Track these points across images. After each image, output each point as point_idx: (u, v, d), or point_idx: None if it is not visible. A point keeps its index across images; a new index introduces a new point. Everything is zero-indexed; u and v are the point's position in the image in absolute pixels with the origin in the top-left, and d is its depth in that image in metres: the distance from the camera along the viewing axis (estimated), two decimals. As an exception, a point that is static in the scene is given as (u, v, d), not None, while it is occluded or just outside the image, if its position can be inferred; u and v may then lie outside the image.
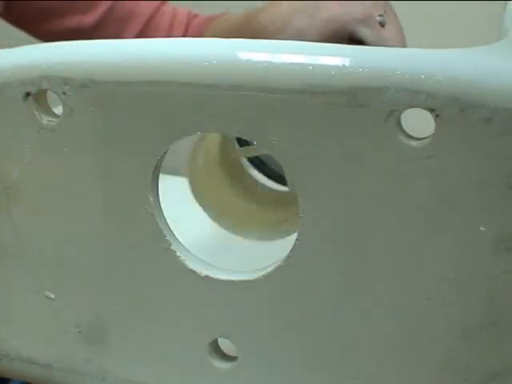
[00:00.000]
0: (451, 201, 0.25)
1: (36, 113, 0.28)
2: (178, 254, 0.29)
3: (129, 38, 0.61)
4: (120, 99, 0.27)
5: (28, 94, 0.28)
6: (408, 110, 0.24)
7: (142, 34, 0.62)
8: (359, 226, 0.26)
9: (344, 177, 0.26)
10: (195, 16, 0.65)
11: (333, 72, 0.24)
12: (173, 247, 0.29)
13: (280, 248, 0.29)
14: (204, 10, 0.65)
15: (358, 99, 0.24)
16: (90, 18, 0.61)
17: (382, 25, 0.48)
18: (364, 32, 0.48)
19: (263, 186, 0.50)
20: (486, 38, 0.30)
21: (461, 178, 0.24)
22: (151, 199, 0.28)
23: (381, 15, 0.48)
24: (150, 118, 0.27)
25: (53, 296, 0.32)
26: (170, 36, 0.62)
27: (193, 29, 0.64)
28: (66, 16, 0.60)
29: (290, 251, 0.27)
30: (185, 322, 0.30)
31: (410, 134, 0.25)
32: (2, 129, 0.29)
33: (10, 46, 0.30)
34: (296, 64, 0.25)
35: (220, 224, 0.49)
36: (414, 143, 0.24)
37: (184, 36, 0.63)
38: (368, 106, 0.24)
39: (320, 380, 0.29)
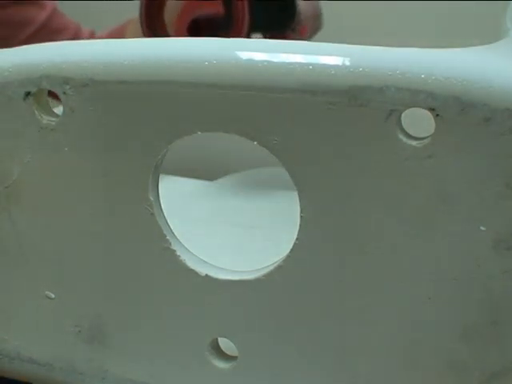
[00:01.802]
0: (451, 201, 0.25)
1: (36, 112, 0.28)
2: (177, 253, 0.29)
3: None
4: (120, 99, 0.27)
5: (28, 94, 0.28)
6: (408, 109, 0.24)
7: None
8: (359, 225, 0.26)
9: (344, 176, 0.26)
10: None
11: (333, 71, 0.24)
12: (173, 247, 0.29)
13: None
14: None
15: (358, 99, 0.24)
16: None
17: None
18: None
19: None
20: (486, 38, 0.30)
21: (461, 178, 0.24)
22: (151, 199, 0.28)
23: None
24: (150, 118, 0.27)
25: (53, 296, 0.32)
26: None
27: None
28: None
29: (290, 251, 0.27)
30: (185, 322, 0.30)
31: (410, 133, 0.25)
32: (2, 128, 0.29)
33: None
34: (296, 64, 0.25)
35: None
36: (413, 143, 0.24)
37: None
38: (368, 105, 0.24)
39: (320, 380, 0.29)
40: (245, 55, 0.25)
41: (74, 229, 0.30)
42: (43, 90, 0.28)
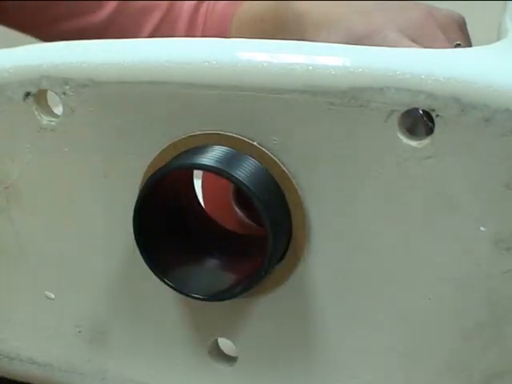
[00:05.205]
0: (451, 201, 0.25)
1: (36, 113, 0.28)
2: (178, 253, 0.29)
3: (144, 34, 0.60)
4: (120, 99, 0.27)
5: (28, 94, 0.28)
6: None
7: (159, 29, 0.60)
8: (359, 225, 0.26)
9: (344, 177, 0.26)
10: (213, 4, 0.61)
11: (333, 72, 0.24)
12: (173, 247, 0.29)
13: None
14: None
15: (358, 99, 0.24)
16: (97, 18, 0.60)
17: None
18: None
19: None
20: (486, 38, 0.30)
21: (461, 178, 0.24)
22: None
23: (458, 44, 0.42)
24: (150, 118, 0.27)
25: (53, 296, 0.32)
26: (189, 31, 0.60)
27: (212, 23, 0.60)
28: (72, 17, 0.60)
29: (290, 251, 0.27)
30: (185, 322, 0.30)
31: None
32: (1, 129, 0.29)
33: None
34: (296, 64, 0.25)
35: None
36: (413, 143, 0.24)
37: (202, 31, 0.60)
38: (368, 106, 0.24)
39: (320, 380, 0.29)
40: (245, 56, 0.25)
41: (74, 229, 0.30)
42: (43, 91, 0.28)
